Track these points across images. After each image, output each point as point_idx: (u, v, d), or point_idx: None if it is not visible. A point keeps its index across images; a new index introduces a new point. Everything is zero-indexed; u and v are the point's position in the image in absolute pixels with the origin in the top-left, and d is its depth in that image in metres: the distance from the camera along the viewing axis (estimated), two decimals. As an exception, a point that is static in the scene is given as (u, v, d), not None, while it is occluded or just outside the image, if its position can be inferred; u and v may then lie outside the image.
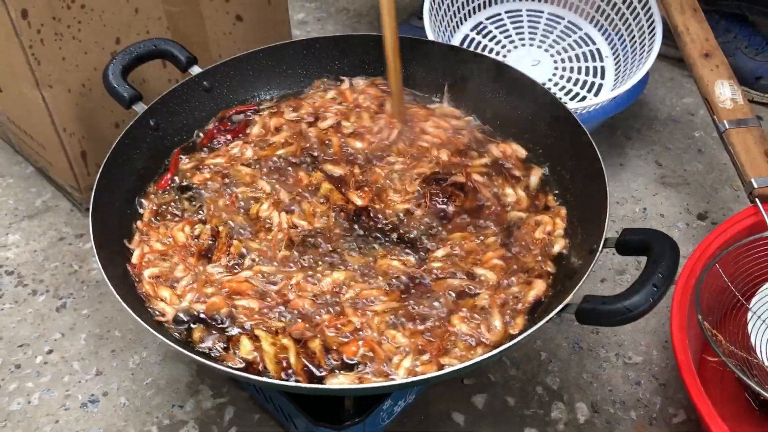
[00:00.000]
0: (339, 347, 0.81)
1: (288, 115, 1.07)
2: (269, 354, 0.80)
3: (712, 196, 1.28)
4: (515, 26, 1.43)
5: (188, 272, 0.88)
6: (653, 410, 0.99)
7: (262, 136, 1.05)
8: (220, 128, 1.06)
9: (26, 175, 1.32)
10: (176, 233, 0.92)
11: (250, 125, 1.06)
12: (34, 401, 1.01)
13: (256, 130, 1.05)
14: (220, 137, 1.04)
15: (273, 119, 1.07)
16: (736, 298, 0.97)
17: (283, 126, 1.06)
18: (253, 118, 1.08)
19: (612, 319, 0.73)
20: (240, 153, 1.02)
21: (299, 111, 1.08)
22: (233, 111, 1.08)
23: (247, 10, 1.26)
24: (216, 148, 1.03)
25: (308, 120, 1.07)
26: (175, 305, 0.84)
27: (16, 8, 0.98)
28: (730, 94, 1.11)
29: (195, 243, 0.91)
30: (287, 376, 0.78)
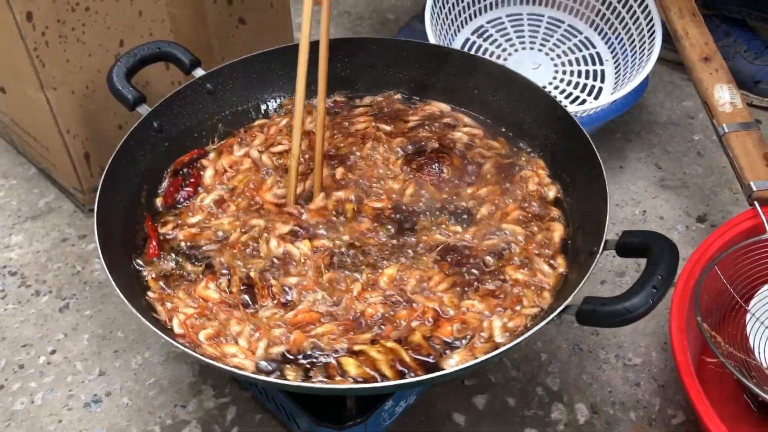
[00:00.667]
0: (433, 333, 0.83)
1: (237, 153, 1.04)
2: (382, 361, 0.80)
3: (712, 199, 1.29)
4: (516, 30, 1.43)
5: (244, 323, 0.84)
6: (652, 411, 1.00)
7: (219, 179, 1.01)
8: (176, 185, 1.00)
9: (29, 176, 1.33)
10: (205, 293, 0.87)
11: (202, 172, 1.02)
12: (38, 401, 1.02)
13: (209, 174, 1.01)
14: (179, 195, 0.99)
15: (223, 159, 1.03)
16: (735, 300, 0.98)
17: (236, 164, 1.02)
18: (200, 163, 1.03)
19: (612, 320, 0.74)
20: (210, 204, 0.98)
21: (251, 143, 1.05)
22: (182, 162, 1.02)
23: (250, 13, 1.27)
24: (183, 206, 0.98)
25: (259, 149, 1.04)
26: (250, 357, 0.81)
27: (21, 11, 0.98)
28: (729, 97, 1.12)
29: (230, 295, 0.87)
30: (405, 375, 0.79)
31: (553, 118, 1.01)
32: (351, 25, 1.70)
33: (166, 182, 1.00)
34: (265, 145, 1.05)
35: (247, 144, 1.05)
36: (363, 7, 1.75)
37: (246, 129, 1.08)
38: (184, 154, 1.03)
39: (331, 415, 0.86)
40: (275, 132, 1.07)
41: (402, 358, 0.80)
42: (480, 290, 0.87)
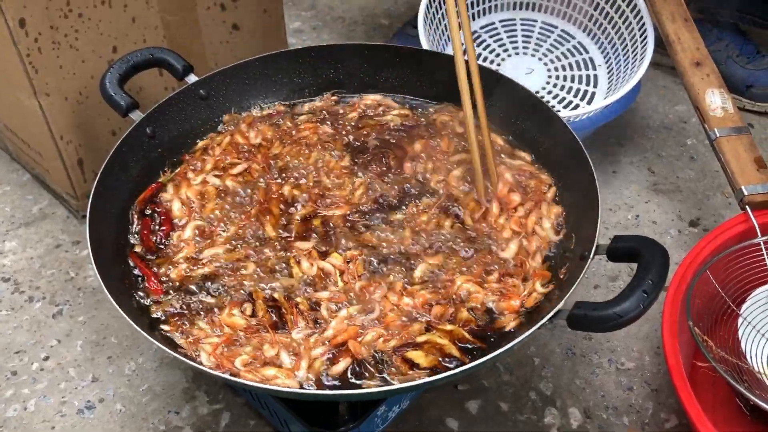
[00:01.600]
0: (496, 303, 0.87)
1: (195, 182, 1.00)
2: (447, 345, 0.82)
3: (704, 203, 1.29)
4: (509, 35, 1.44)
5: (278, 346, 0.82)
6: (645, 415, 1.00)
7: (189, 210, 0.97)
8: (147, 226, 0.95)
9: (23, 182, 1.33)
10: (231, 320, 0.85)
11: (168, 204, 0.98)
12: (31, 408, 1.01)
13: (177, 208, 0.97)
14: (156, 237, 0.94)
15: (185, 190, 0.99)
16: (727, 304, 0.98)
17: (201, 194, 0.99)
18: (161, 197, 0.99)
19: (603, 325, 0.74)
20: (193, 237, 0.94)
21: (204, 169, 1.02)
22: (144, 200, 0.98)
23: (244, 19, 1.27)
24: (167, 245, 0.93)
25: (216, 174, 1.02)
26: (293, 377, 0.80)
27: (14, 17, 0.98)
28: (720, 102, 1.13)
29: (258, 320, 0.85)
30: (472, 353, 0.82)
31: (545, 123, 1.02)
32: (344, 30, 1.70)
33: (136, 224, 0.95)
34: (219, 169, 1.02)
35: (200, 170, 1.02)
36: (356, 12, 1.75)
37: (191, 154, 1.05)
38: (145, 190, 0.99)
39: (324, 420, 0.86)
40: (221, 153, 1.04)
41: (462, 336, 0.83)
42: (499, 268, 0.90)
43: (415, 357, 0.81)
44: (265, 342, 0.83)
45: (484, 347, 0.82)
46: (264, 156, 1.04)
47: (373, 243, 0.93)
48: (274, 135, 1.07)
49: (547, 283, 0.88)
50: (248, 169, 1.02)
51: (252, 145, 1.06)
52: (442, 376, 0.76)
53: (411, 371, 0.80)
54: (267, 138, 1.07)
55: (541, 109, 1.02)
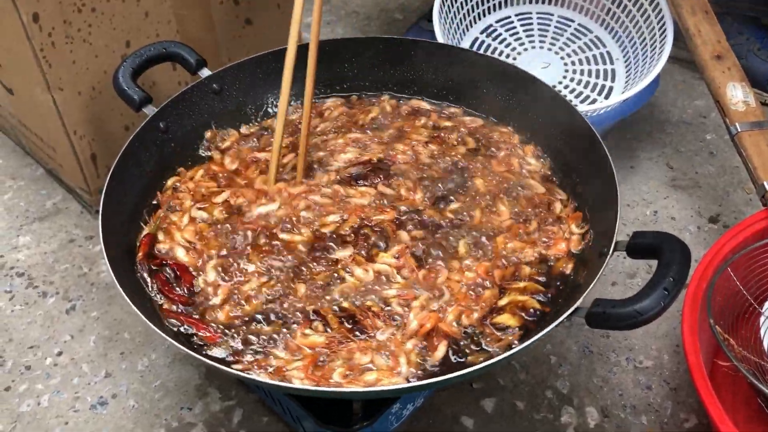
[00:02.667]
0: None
1: (184, 223, 0.95)
2: (527, 300, 0.85)
3: (724, 199, 1.27)
4: (525, 29, 1.42)
5: (369, 351, 0.81)
6: (664, 415, 0.98)
7: (195, 253, 0.92)
8: (164, 282, 0.88)
9: (37, 177, 1.33)
10: (309, 340, 0.83)
11: (171, 253, 0.92)
12: (44, 403, 1.01)
13: (182, 254, 0.91)
14: (181, 291, 0.88)
15: (180, 234, 0.93)
16: (749, 302, 0.96)
17: (196, 234, 0.94)
18: (157, 249, 0.92)
19: (622, 322, 0.73)
20: (218, 279, 0.89)
21: (184, 208, 0.97)
22: (143, 259, 0.90)
23: (257, 14, 1.26)
24: (198, 295, 0.88)
25: (199, 206, 0.97)
26: (397, 375, 0.79)
27: (28, 12, 0.98)
28: (742, 96, 1.11)
29: (335, 331, 0.83)
30: (556, 303, 0.85)
31: (563, 118, 1.00)
32: (359, 25, 1.69)
33: (150, 284, 0.88)
34: (201, 202, 0.97)
35: (180, 209, 0.96)
36: (371, 7, 1.74)
37: (162, 192, 0.99)
38: (141, 245, 0.92)
39: (338, 417, 0.85)
40: (195, 186, 0.99)
41: (535, 288, 0.87)
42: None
43: (503, 320, 0.84)
44: (355, 351, 0.81)
45: (554, 293, 0.86)
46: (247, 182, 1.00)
47: (411, 236, 0.92)
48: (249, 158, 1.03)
49: (582, 223, 0.92)
50: (234, 194, 0.97)
51: (229, 171, 1.01)
52: (457, 374, 0.75)
53: (503, 335, 0.82)
54: (246, 159, 1.03)
55: (559, 103, 1.01)
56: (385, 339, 0.82)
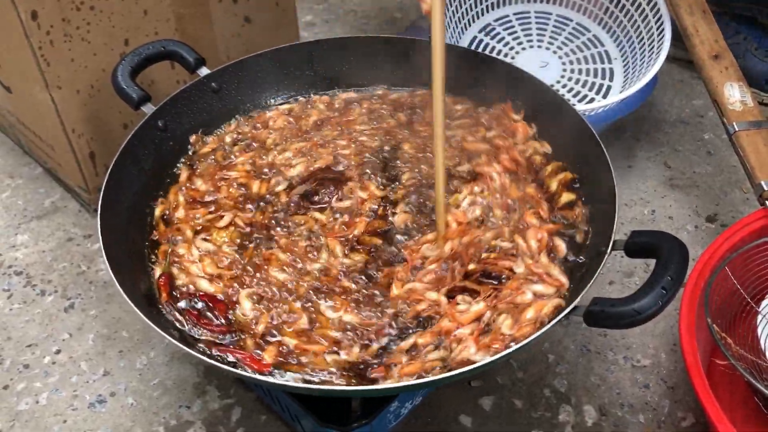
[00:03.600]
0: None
1: (193, 256, 0.91)
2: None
3: (722, 198, 1.27)
4: (523, 28, 1.42)
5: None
6: (662, 413, 0.99)
7: (222, 282, 0.88)
8: (202, 317, 0.85)
9: (35, 175, 1.33)
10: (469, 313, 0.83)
11: (201, 289, 0.88)
12: (42, 401, 1.01)
13: (207, 286, 0.87)
14: (223, 319, 0.85)
15: (194, 269, 0.90)
16: (746, 301, 0.96)
17: (216, 269, 0.90)
18: (182, 285, 0.88)
19: (620, 321, 0.73)
20: (256, 313, 0.85)
21: (189, 240, 0.92)
22: (167, 299, 0.86)
23: (256, 12, 1.26)
24: (238, 323, 0.85)
25: (205, 238, 0.93)
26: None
27: (26, 10, 0.98)
28: (739, 96, 1.11)
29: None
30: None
31: (561, 117, 1.00)
32: (357, 23, 1.69)
33: (187, 322, 0.84)
34: (204, 233, 0.94)
35: (184, 240, 0.92)
36: (369, 6, 1.74)
37: (156, 226, 0.95)
38: (160, 286, 0.88)
39: (336, 416, 0.85)
40: (187, 217, 0.95)
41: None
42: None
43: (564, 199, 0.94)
44: (515, 295, 0.84)
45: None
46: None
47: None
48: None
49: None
50: (236, 217, 0.95)
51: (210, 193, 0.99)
52: (455, 372, 0.75)
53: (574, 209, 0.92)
54: (215, 180, 1.00)
55: (557, 102, 1.01)
56: (523, 270, 0.86)
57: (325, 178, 0.99)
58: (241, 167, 1.02)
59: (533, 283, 0.84)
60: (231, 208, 0.96)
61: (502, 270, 0.86)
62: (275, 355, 0.81)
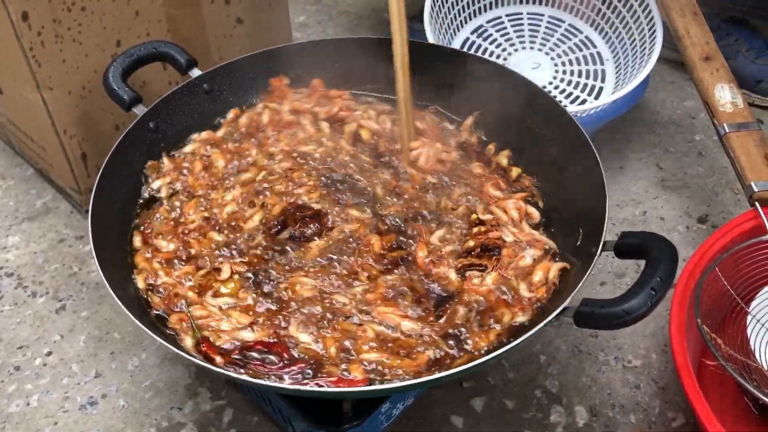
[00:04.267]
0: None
1: (221, 317, 0.86)
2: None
3: (713, 199, 1.28)
4: (516, 29, 1.43)
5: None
6: (652, 414, 0.99)
7: (267, 326, 0.85)
8: (272, 366, 0.81)
9: (26, 176, 1.33)
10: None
11: (249, 340, 0.84)
12: (33, 403, 1.01)
13: (250, 335, 0.84)
14: (301, 371, 0.81)
15: (226, 324, 0.85)
16: (736, 301, 0.97)
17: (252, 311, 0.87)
18: (229, 345, 0.83)
19: (610, 322, 0.73)
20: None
21: (198, 302, 0.88)
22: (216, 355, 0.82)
23: (248, 13, 1.26)
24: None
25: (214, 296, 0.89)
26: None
27: (17, 10, 0.98)
28: (730, 97, 1.11)
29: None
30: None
31: (553, 119, 1.00)
32: (350, 24, 1.69)
33: (272, 377, 0.80)
34: (207, 291, 0.88)
35: (198, 303, 0.87)
36: (362, 6, 1.74)
37: (150, 306, 0.88)
38: (208, 352, 0.82)
39: (328, 417, 0.85)
40: (176, 281, 0.89)
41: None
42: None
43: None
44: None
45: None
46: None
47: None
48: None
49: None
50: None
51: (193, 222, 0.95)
52: (447, 373, 0.75)
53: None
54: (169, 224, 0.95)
55: (548, 103, 1.01)
56: (512, 238, 0.92)
57: (301, 216, 0.95)
58: (196, 222, 0.95)
59: (526, 248, 0.91)
60: (216, 258, 0.91)
61: (496, 242, 0.91)
62: (361, 371, 0.80)
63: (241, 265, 0.91)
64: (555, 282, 0.87)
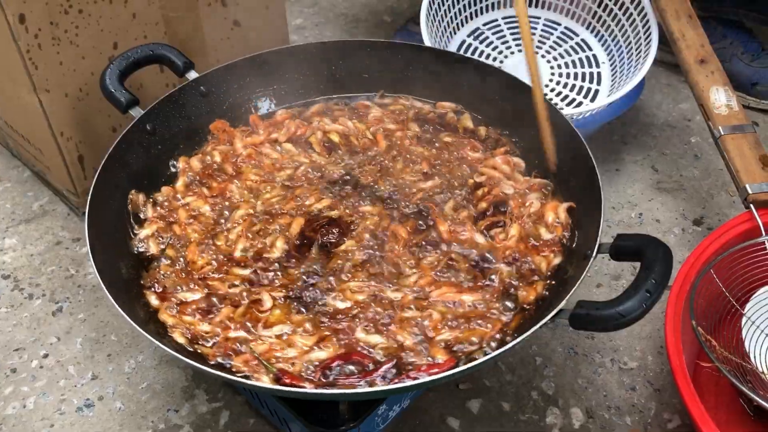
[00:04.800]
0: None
1: (278, 347, 0.83)
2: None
3: (708, 201, 1.28)
4: (512, 32, 1.43)
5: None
6: (648, 416, 0.99)
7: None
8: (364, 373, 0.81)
9: (23, 179, 1.33)
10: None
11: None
12: (30, 405, 1.01)
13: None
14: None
15: (266, 377, 0.81)
16: (731, 303, 0.97)
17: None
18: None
19: (605, 324, 0.74)
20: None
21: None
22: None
23: (245, 16, 1.26)
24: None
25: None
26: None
27: (14, 13, 0.98)
28: (725, 100, 1.12)
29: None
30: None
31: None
32: (347, 27, 1.70)
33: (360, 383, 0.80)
34: (256, 324, 0.86)
35: (255, 339, 0.85)
36: (359, 9, 1.75)
37: (204, 360, 0.84)
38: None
39: (324, 419, 0.85)
40: (219, 324, 0.86)
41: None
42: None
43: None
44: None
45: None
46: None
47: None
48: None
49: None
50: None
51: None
52: (443, 375, 0.75)
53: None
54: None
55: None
56: (512, 190, 0.99)
57: (319, 226, 0.95)
58: (208, 267, 0.91)
59: (528, 194, 0.98)
60: (248, 292, 0.88)
61: (500, 197, 0.97)
62: (443, 352, 0.82)
63: (279, 290, 0.88)
64: (568, 221, 0.94)
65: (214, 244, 0.94)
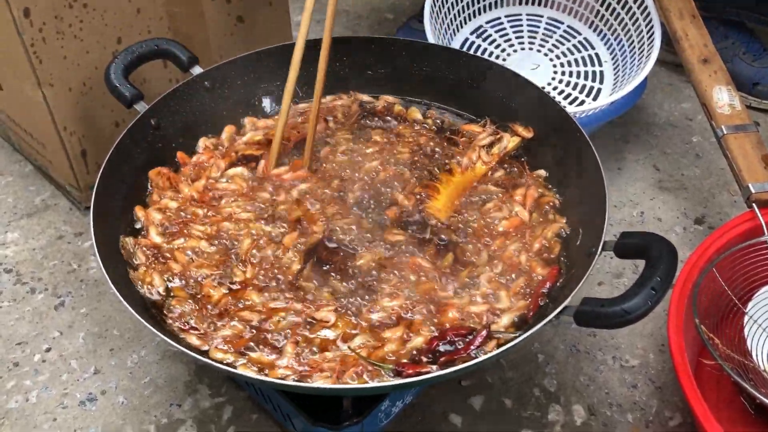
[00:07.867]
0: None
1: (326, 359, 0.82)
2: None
3: (710, 200, 1.29)
4: (515, 30, 1.43)
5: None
6: (650, 413, 1.00)
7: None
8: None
9: (26, 173, 1.32)
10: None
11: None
12: (32, 399, 1.01)
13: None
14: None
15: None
16: (733, 302, 0.98)
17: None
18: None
19: (610, 321, 0.74)
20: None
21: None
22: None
23: (249, 12, 1.26)
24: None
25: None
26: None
27: (19, 6, 0.98)
28: (728, 99, 1.12)
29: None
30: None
31: (551, 119, 1.01)
32: (349, 24, 1.70)
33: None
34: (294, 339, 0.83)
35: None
36: (361, 6, 1.75)
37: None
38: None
39: (328, 415, 0.85)
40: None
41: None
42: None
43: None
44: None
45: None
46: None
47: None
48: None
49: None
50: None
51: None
52: (446, 371, 0.75)
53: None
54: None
55: (548, 104, 1.02)
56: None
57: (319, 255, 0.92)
58: (218, 296, 0.88)
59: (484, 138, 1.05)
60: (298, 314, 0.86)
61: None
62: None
63: (328, 306, 0.87)
64: (506, 147, 1.04)
65: (232, 282, 0.89)
